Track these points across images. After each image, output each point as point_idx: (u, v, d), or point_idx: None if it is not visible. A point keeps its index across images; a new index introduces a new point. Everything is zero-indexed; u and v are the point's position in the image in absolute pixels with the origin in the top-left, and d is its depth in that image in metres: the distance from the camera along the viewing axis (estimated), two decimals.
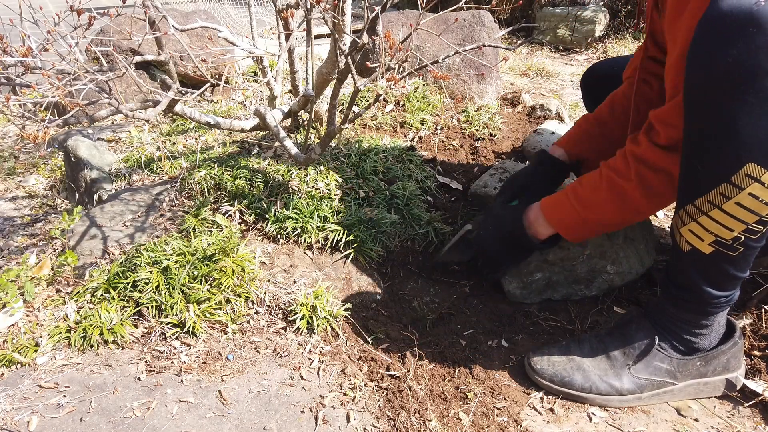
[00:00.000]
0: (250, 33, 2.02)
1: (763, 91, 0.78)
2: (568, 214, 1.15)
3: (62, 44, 1.03)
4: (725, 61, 0.80)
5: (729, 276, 0.98)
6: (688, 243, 0.97)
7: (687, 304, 1.04)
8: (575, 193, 1.14)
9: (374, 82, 1.96)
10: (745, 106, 0.80)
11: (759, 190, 0.84)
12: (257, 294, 1.31)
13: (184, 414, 1.08)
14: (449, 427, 1.04)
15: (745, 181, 0.85)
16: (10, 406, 1.09)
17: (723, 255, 0.94)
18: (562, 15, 4.10)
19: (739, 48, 0.78)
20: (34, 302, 1.33)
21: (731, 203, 0.88)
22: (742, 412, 1.07)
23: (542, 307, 1.39)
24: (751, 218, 0.88)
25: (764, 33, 0.76)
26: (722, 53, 0.80)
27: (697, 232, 0.95)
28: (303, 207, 1.49)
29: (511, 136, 2.17)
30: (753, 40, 0.76)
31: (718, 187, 0.88)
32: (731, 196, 0.87)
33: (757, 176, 0.84)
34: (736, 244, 0.91)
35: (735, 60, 0.79)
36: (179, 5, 4.06)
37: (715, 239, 0.93)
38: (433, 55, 2.40)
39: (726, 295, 1.01)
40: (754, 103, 0.80)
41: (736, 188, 0.86)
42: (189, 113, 1.35)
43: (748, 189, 0.85)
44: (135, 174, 1.81)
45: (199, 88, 1.59)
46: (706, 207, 0.91)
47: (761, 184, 0.84)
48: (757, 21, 0.76)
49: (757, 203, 0.86)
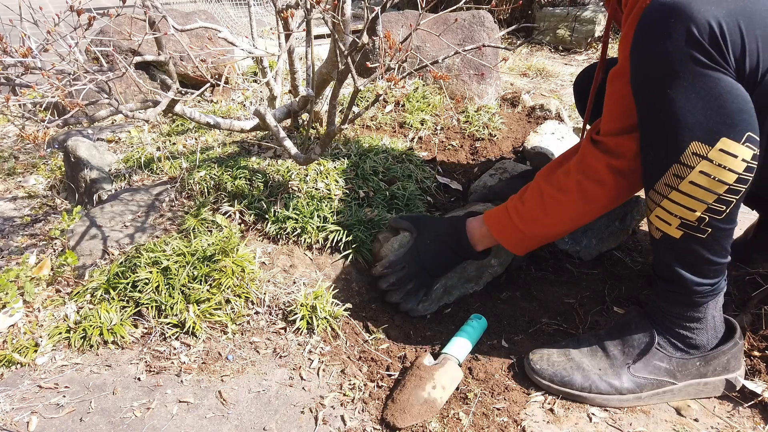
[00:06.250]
0: (250, 33, 2.02)
1: (692, 75, 0.87)
2: (513, 233, 1.21)
3: (62, 44, 1.03)
4: (658, 51, 0.89)
5: (705, 260, 0.99)
6: (658, 230, 1.01)
7: (674, 296, 1.06)
8: (518, 212, 1.19)
9: (374, 82, 1.96)
10: (681, 90, 0.88)
11: (709, 167, 0.90)
12: (257, 294, 1.31)
13: (184, 414, 1.08)
14: (449, 428, 1.04)
15: (693, 159, 0.90)
16: (10, 406, 1.09)
17: (693, 237, 0.97)
18: (562, 15, 4.10)
19: (666, 38, 0.87)
20: (33, 302, 1.33)
21: (686, 183, 0.93)
22: (741, 413, 1.07)
23: (542, 308, 1.39)
24: (710, 197, 0.92)
25: (681, 21, 0.85)
26: (655, 45, 0.89)
27: (663, 217, 0.99)
28: (303, 207, 1.49)
29: (511, 137, 2.17)
30: (674, 29, 0.86)
31: (671, 168, 0.93)
32: (684, 176, 0.92)
33: (703, 154, 0.89)
34: (702, 225, 0.95)
35: (665, 50, 0.88)
36: (179, 5, 4.06)
37: (681, 222, 0.96)
38: (433, 55, 2.40)
39: (708, 283, 1.02)
40: (687, 86, 0.88)
41: (686, 167, 0.91)
42: (189, 113, 1.35)
43: (698, 167, 0.90)
44: (135, 174, 1.81)
45: (199, 88, 1.59)
46: (664, 190, 0.96)
47: (709, 161, 0.89)
48: (677, 12, 0.85)
49: (711, 181, 0.90)
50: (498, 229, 1.23)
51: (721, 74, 0.86)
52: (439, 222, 1.37)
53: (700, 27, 0.84)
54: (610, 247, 1.56)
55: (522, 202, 1.19)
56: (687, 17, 0.84)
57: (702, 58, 0.85)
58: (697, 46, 0.85)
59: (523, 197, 1.20)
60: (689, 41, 0.85)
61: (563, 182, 1.13)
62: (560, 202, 1.13)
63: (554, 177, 1.16)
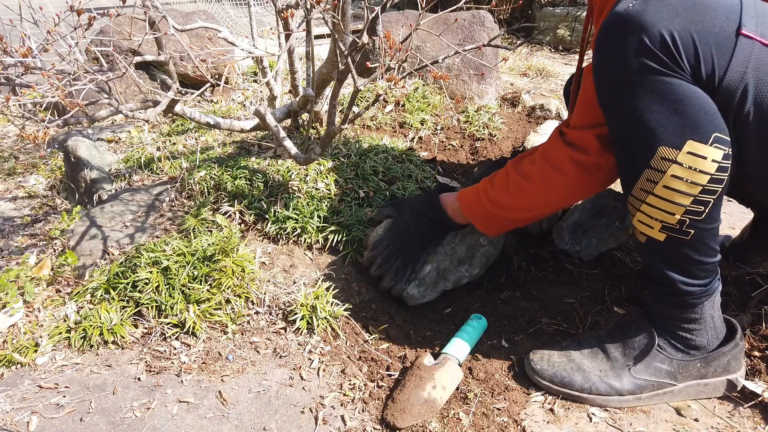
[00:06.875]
0: (250, 33, 2.02)
1: (649, 83, 0.88)
2: (482, 214, 1.25)
3: (62, 44, 1.03)
4: (615, 61, 0.91)
5: (693, 261, 1.00)
6: (642, 233, 1.02)
7: (668, 299, 1.06)
8: (487, 194, 1.23)
9: (374, 82, 1.96)
10: (641, 98, 0.90)
11: (680, 170, 0.90)
12: (257, 294, 1.31)
13: (184, 414, 1.08)
14: (449, 428, 1.04)
15: (663, 164, 0.91)
16: (10, 406, 1.09)
17: (677, 240, 0.97)
18: (562, 15, 4.10)
19: (621, 48, 0.89)
20: (34, 302, 1.33)
21: (660, 187, 0.93)
22: (742, 413, 1.07)
23: (542, 308, 1.39)
24: (686, 199, 0.92)
25: (633, 32, 0.87)
26: (611, 55, 0.92)
27: (644, 221, 1.00)
28: (303, 207, 1.49)
29: (511, 136, 2.17)
30: (627, 39, 0.88)
31: (644, 174, 0.94)
32: (657, 181, 0.93)
33: (672, 158, 0.90)
34: (684, 227, 0.95)
35: (621, 60, 0.89)
36: (179, 5, 4.06)
37: (662, 225, 0.97)
38: (433, 55, 2.40)
39: (700, 284, 1.02)
40: (646, 94, 0.89)
41: (658, 172, 0.92)
42: (189, 113, 1.35)
43: (669, 171, 0.91)
44: (135, 174, 1.81)
45: (199, 88, 1.59)
46: (641, 195, 0.97)
47: (679, 164, 0.90)
48: (630, 23, 0.88)
49: (684, 184, 0.91)
50: (468, 206, 1.28)
51: (677, 79, 0.88)
52: (414, 198, 1.43)
53: (652, 37, 0.86)
54: (610, 247, 1.56)
55: (492, 185, 1.23)
56: (638, 28, 0.87)
57: (655, 65, 0.87)
58: (650, 55, 0.87)
59: (492, 180, 1.24)
60: (642, 50, 0.87)
61: (528, 170, 1.18)
62: (524, 189, 1.18)
63: (521, 165, 1.20)
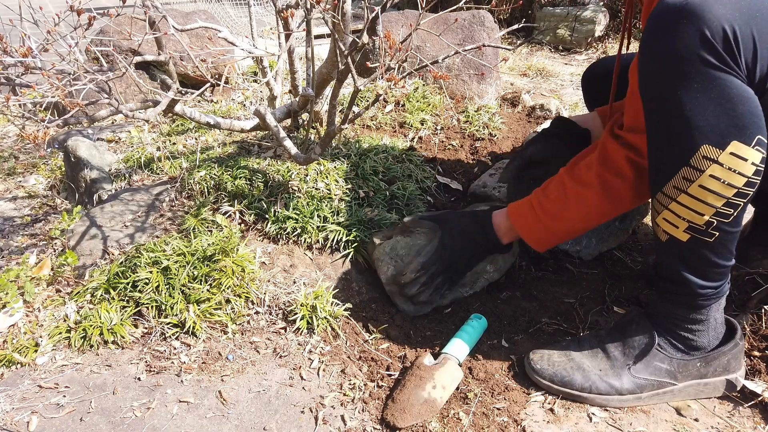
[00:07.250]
0: (250, 33, 2.02)
1: (703, 77, 0.85)
2: (536, 227, 1.19)
3: (62, 44, 1.03)
4: (667, 52, 0.87)
5: (711, 263, 0.99)
6: (665, 232, 1.00)
7: (676, 298, 1.05)
8: (542, 206, 1.17)
9: (374, 82, 1.96)
10: (691, 92, 0.87)
11: (719, 171, 0.88)
12: (257, 294, 1.31)
13: (184, 414, 1.08)
14: (449, 427, 1.04)
15: (703, 163, 0.89)
16: (10, 406, 1.09)
17: (700, 241, 0.96)
18: (562, 15, 4.10)
19: (677, 39, 0.85)
20: (34, 302, 1.33)
21: (695, 186, 0.91)
22: (742, 413, 1.07)
23: (542, 308, 1.39)
24: (719, 201, 0.90)
25: (693, 23, 0.83)
26: (664, 46, 0.88)
27: (670, 219, 0.97)
28: (303, 207, 1.49)
29: (511, 136, 2.17)
30: (686, 30, 0.84)
31: (680, 172, 0.92)
32: (693, 179, 0.91)
33: (714, 157, 0.88)
34: (710, 229, 0.94)
35: (675, 51, 0.86)
36: (179, 5, 4.06)
37: (688, 225, 0.95)
38: (433, 55, 2.40)
39: (713, 285, 1.01)
40: (698, 88, 0.86)
41: (696, 171, 0.90)
42: (189, 113, 1.35)
43: (708, 171, 0.89)
44: (135, 174, 1.81)
45: (199, 88, 1.59)
46: (673, 193, 0.95)
47: (720, 165, 0.88)
48: (688, 12, 0.84)
49: (721, 185, 0.89)
50: (521, 222, 1.22)
51: (732, 77, 0.85)
52: (463, 217, 1.34)
53: (713, 29, 0.82)
54: (611, 247, 1.56)
55: (546, 195, 1.18)
56: (698, 19, 0.83)
57: (714, 60, 0.84)
58: (710, 48, 0.83)
59: (546, 191, 1.18)
60: (701, 42, 0.83)
61: (585, 176, 1.13)
62: (583, 197, 1.12)
63: (576, 171, 1.15)
